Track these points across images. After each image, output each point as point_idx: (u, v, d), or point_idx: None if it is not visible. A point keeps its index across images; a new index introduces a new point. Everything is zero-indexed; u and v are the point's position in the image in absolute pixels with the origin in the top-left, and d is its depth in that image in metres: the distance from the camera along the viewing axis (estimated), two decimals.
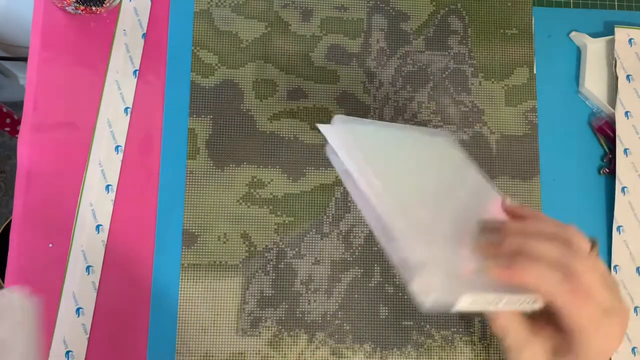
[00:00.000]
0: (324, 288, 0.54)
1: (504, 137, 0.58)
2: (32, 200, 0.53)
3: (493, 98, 0.59)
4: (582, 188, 0.58)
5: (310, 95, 0.57)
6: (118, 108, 0.55)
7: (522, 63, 0.59)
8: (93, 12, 0.55)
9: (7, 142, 1.32)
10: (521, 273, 0.32)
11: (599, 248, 0.57)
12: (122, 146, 0.54)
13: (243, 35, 0.57)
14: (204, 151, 0.55)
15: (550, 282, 0.32)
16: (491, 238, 0.35)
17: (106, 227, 0.53)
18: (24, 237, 0.52)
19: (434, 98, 0.58)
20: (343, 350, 0.53)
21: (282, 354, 0.52)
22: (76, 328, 0.51)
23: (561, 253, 0.33)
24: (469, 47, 0.59)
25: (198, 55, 0.56)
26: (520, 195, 0.57)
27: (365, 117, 0.57)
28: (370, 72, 0.58)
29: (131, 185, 0.54)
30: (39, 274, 0.52)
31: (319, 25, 0.58)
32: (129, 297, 0.52)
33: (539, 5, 0.61)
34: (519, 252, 0.33)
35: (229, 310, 0.53)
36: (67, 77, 0.55)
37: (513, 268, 0.33)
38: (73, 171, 0.54)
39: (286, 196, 0.55)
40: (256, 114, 0.56)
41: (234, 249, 0.54)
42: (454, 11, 0.60)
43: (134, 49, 0.56)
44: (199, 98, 0.56)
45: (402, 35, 0.59)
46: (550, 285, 0.32)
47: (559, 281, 0.32)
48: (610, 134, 0.59)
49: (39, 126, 0.54)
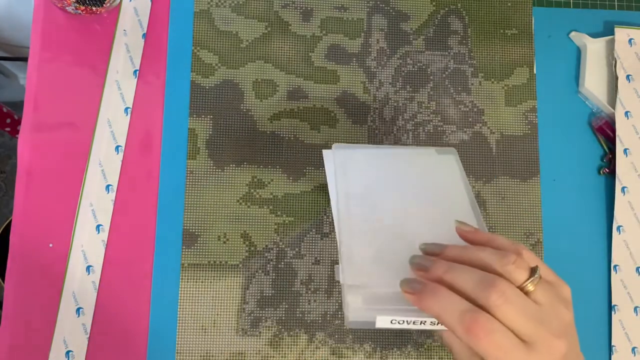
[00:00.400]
0: (324, 288, 0.54)
1: (504, 137, 0.58)
2: (32, 200, 0.53)
3: (493, 98, 0.59)
4: (582, 188, 0.58)
5: (310, 95, 0.57)
6: (118, 108, 0.55)
7: (522, 63, 0.59)
8: (93, 12, 0.55)
9: (7, 142, 1.32)
10: (426, 301, 0.32)
11: (599, 248, 0.57)
12: (122, 146, 0.54)
13: (243, 35, 0.57)
14: (204, 151, 0.55)
15: (450, 315, 0.31)
16: (421, 262, 0.35)
17: (106, 227, 0.53)
18: (24, 237, 0.52)
19: (434, 98, 0.58)
20: (343, 350, 0.53)
21: (282, 354, 0.52)
22: (76, 328, 0.51)
23: (477, 284, 0.32)
24: (469, 47, 0.59)
25: (198, 55, 0.56)
26: (520, 195, 0.57)
27: (365, 117, 0.57)
28: (370, 72, 0.58)
29: (131, 185, 0.54)
30: (39, 274, 0.52)
31: (319, 25, 0.58)
32: (129, 297, 0.52)
33: (539, 5, 0.61)
34: (439, 279, 0.33)
35: (229, 310, 0.53)
36: (67, 77, 0.55)
37: (419, 294, 0.33)
38: (73, 171, 0.54)
39: (286, 196, 0.55)
40: (256, 114, 0.56)
41: (234, 249, 0.54)
42: (454, 11, 0.60)
43: (134, 49, 0.56)
44: (199, 98, 0.56)
45: (402, 35, 0.59)
46: (450, 318, 0.31)
47: (459, 314, 0.31)
48: (610, 134, 0.59)
49: (39, 126, 0.54)
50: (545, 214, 0.57)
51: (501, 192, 0.57)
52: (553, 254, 0.56)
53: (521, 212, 0.57)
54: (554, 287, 0.34)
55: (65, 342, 0.51)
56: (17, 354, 0.51)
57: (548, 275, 0.34)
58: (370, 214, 0.41)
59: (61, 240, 0.52)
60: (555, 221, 0.57)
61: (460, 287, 0.32)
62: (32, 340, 0.51)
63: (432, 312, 0.32)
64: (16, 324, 0.51)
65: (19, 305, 0.51)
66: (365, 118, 0.57)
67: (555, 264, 0.56)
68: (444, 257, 0.35)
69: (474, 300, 0.32)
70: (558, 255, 0.56)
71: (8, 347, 0.51)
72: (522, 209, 0.57)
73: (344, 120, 0.57)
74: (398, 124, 0.57)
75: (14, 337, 0.51)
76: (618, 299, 0.56)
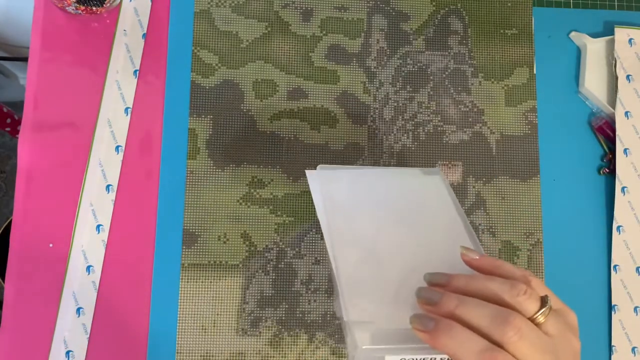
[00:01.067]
0: (324, 288, 0.54)
1: (504, 137, 0.58)
2: (32, 200, 0.53)
3: (493, 98, 0.59)
4: (582, 188, 0.58)
5: (310, 95, 0.57)
6: (118, 108, 0.55)
7: (522, 63, 0.59)
8: (93, 12, 0.55)
9: (7, 142, 1.32)
10: (440, 339, 0.31)
11: (599, 248, 0.57)
12: (122, 146, 0.54)
13: (243, 35, 0.57)
14: (204, 151, 0.55)
15: (467, 353, 0.31)
16: (429, 295, 0.34)
17: (106, 227, 0.53)
18: (24, 237, 0.52)
19: (434, 98, 0.58)
20: (343, 350, 0.53)
21: (282, 354, 0.52)
22: (76, 328, 0.51)
23: (492, 320, 0.31)
24: (469, 47, 0.59)
25: (198, 55, 0.56)
26: (520, 195, 0.57)
27: (365, 117, 0.57)
28: (370, 72, 0.58)
29: (131, 185, 0.54)
30: (39, 274, 0.52)
31: (319, 25, 0.58)
32: (129, 297, 0.52)
33: (539, 5, 0.61)
34: (451, 314, 0.32)
35: (229, 310, 0.53)
36: (67, 77, 0.55)
37: (433, 332, 0.32)
38: (73, 171, 0.54)
39: (286, 196, 0.55)
40: (256, 114, 0.56)
41: (234, 249, 0.54)
42: (454, 11, 0.60)
43: (134, 49, 0.56)
44: (199, 98, 0.56)
45: (402, 35, 0.59)
46: (467, 357, 0.31)
47: (477, 353, 0.30)
48: (610, 133, 0.59)
49: (40, 126, 0.54)
50: (545, 214, 0.57)
51: (501, 192, 0.57)
52: (553, 254, 0.56)
53: (521, 212, 0.57)
54: (562, 316, 0.33)
55: (65, 342, 0.51)
56: (17, 354, 0.51)
57: (556, 303, 0.34)
58: (364, 243, 0.39)
59: (61, 240, 0.52)
60: (555, 221, 0.57)
61: (474, 322, 0.32)
62: (32, 340, 0.51)
63: (447, 351, 0.31)
64: (16, 324, 0.51)
65: (19, 305, 0.51)
66: (365, 118, 0.57)
67: (555, 264, 0.56)
68: (451, 289, 0.34)
69: (488, 336, 0.31)
70: (558, 255, 0.56)
71: (8, 347, 0.51)
72: (522, 209, 0.57)
73: (344, 120, 0.57)
74: (398, 124, 0.57)
75: (14, 337, 0.51)
76: (618, 299, 0.56)
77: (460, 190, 0.57)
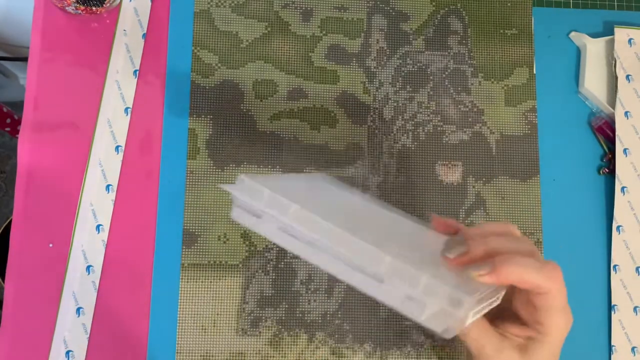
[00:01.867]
0: (324, 288, 0.54)
1: (503, 137, 0.58)
2: (32, 200, 0.53)
3: (493, 98, 0.59)
4: (582, 188, 0.58)
5: (310, 95, 0.57)
6: (118, 108, 0.55)
7: (522, 63, 0.59)
8: (93, 12, 0.55)
9: (7, 142, 1.32)
10: (504, 271, 0.33)
11: (599, 248, 0.57)
12: (122, 146, 0.54)
13: (243, 35, 0.57)
14: (204, 151, 0.55)
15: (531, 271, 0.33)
16: (458, 248, 0.36)
17: (106, 227, 0.53)
18: (24, 237, 0.52)
19: (434, 98, 0.58)
20: (343, 350, 0.53)
21: (282, 354, 0.52)
22: (76, 328, 0.51)
23: (520, 243, 0.35)
24: (468, 47, 0.59)
25: (198, 55, 0.56)
26: (520, 195, 0.57)
27: (365, 117, 0.57)
28: (370, 72, 0.58)
29: (131, 185, 0.54)
30: (39, 274, 0.52)
31: (319, 25, 0.58)
32: (129, 297, 0.52)
33: (538, 5, 0.61)
34: (488, 253, 0.34)
35: (229, 310, 0.53)
36: (67, 77, 0.55)
37: (496, 269, 0.33)
38: (73, 171, 0.54)
39: None
40: (256, 114, 0.56)
41: (234, 249, 0.54)
42: (453, 11, 0.60)
43: (134, 49, 0.56)
44: (199, 98, 0.56)
45: (402, 35, 0.59)
46: (531, 273, 0.33)
47: (538, 268, 0.33)
48: (610, 134, 0.59)
49: (40, 126, 0.54)
50: (545, 214, 0.57)
51: (501, 192, 0.57)
52: (553, 254, 0.56)
53: (521, 212, 0.57)
54: None
55: (65, 342, 0.51)
56: (17, 354, 0.51)
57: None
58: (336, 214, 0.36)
59: (61, 240, 0.52)
60: (555, 221, 0.57)
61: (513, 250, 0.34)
62: (32, 340, 0.51)
63: (514, 278, 0.33)
64: (16, 324, 0.51)
65: (19, 305, 0.51)
66: (365, 118, 0.57)
67: None
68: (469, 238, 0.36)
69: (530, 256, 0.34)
70: (558, 255, 0.56)
71: (8, 347, 0.51)
72: (522, 208, 0.57)
73: (344, 120, 0.57)
74: (398, 124, 0.57)
75: (14, 337, 0.51)
76: (618, 299, 0.56)
77: (460, 190, 0.57)
